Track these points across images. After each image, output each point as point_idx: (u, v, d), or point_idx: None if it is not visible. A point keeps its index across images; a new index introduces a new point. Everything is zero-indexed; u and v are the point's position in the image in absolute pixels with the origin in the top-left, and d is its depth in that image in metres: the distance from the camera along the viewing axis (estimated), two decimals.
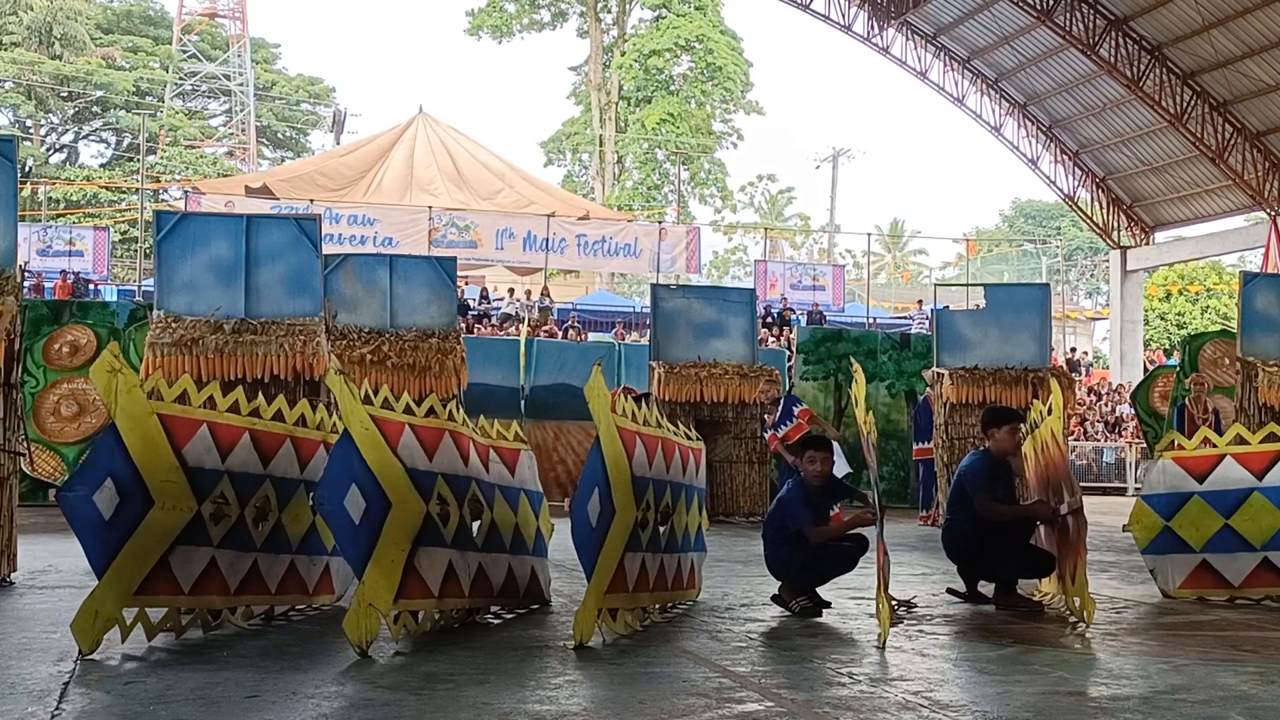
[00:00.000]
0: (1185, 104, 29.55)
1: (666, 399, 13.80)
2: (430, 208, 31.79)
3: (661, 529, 6.19)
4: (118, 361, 5.06)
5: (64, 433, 12.85)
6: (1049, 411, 6.84)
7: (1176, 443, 7.58)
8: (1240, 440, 7.42)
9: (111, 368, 5.04)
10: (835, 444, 12.26)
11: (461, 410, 6.07)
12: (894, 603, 6.51)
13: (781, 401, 13.00)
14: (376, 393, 5.47)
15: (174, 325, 10.06)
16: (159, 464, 5.14)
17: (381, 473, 5.19)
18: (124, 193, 46.14)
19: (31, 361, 12.94)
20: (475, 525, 5.93)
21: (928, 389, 14.55)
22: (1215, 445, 7.44)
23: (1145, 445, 16.79)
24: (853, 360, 7.65)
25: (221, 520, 5.46)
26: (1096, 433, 28.31)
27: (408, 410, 5.59)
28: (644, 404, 10.59)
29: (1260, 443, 7.33)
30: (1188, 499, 7.28)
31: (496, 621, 6.15)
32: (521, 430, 6.97)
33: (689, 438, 7.00)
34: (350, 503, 5.09)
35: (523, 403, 16.23)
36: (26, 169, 46.40)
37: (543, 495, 6.95)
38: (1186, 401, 13.78)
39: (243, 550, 5.61)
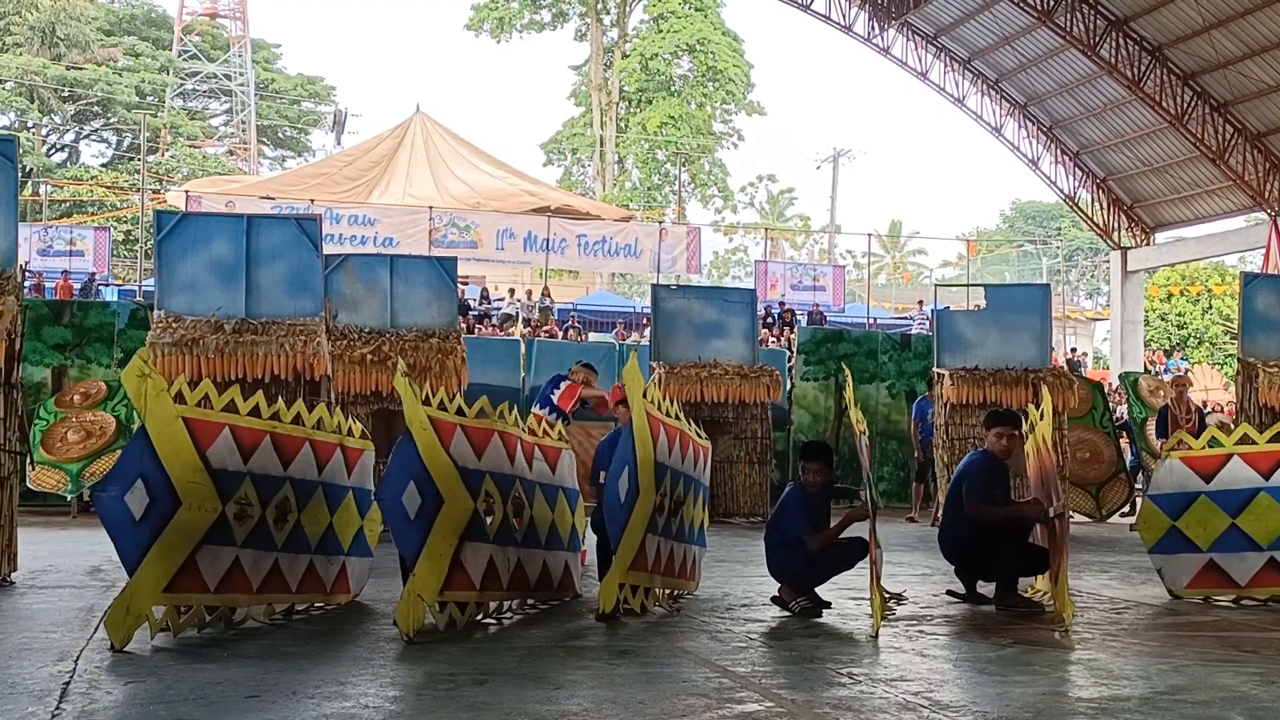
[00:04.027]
0: (1186, 105, 29.51)
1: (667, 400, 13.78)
2: (431, 208, 31.75)
3: (674, 518, 6.56)
4: (148, 366, 5.23)
5: (69, 452, 12.93)
6: (1041, 416, 6.90)
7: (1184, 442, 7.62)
8: (1248, 440, 7.39)
9: (141, 372, 5.20)
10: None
11: (515, 411, 6.37)
12: (886, 595, 6.58)
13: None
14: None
15: (174, 325, 10.04)
16: (186, 466, 5.31)
17: (436, 471, 5.53)
18: (125, 194, 46.05)
19: (44, 409, 13.24)
20: (516, 521, 6.26)
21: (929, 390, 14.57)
22: (1222, 445, 7.39)
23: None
24: (844, 366, 7.96)
25: (245, 521, 5.61)
26: None
27: (459, 412, 5.90)
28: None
29: (1268, 442, 7.30)
30: (1195, 499, 7.27)
31: (494, 622, 6.15)
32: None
33: (699, 435, 7.29)
34: (408, 499, 5.43)
35: (523, 402, 16.24)
36: (28, 171, 46.33)
37: (579, 493, 7.27)
38: (1170, 403, 14.14)
39: (265, 550, 5.77)
